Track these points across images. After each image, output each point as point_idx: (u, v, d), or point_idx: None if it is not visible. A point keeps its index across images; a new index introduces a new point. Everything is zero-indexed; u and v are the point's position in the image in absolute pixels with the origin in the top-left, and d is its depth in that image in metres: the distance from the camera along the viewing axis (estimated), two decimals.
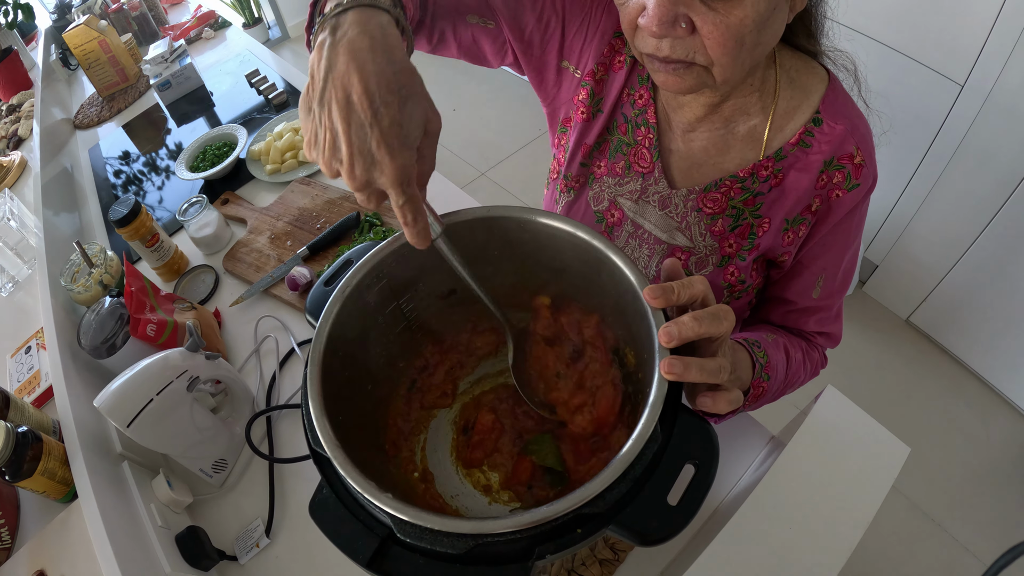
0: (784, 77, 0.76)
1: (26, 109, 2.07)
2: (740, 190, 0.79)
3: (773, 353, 0.78)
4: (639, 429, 0.51)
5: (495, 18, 0.86)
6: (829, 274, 0.84)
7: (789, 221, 0.79)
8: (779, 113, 0.77)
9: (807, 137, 0.76)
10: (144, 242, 1.26)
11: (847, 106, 0.76)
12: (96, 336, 1.00)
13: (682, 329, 0.54)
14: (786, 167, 0.77)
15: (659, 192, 0.84)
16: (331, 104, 0.51)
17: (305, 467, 0.97)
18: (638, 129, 0.85)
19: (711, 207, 0.81)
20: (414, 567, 0.51)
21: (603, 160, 0.89)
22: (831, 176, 0.76)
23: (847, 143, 0.75)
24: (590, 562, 0.80)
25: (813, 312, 0.87)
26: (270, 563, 0.89)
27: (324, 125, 0.52)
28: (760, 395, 0.75)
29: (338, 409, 0.59)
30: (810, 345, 0.89)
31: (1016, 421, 1.94)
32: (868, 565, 1.68)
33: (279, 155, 1.51)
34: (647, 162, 0.85)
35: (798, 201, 0.78)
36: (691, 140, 0.82)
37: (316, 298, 0.67)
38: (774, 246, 0.81)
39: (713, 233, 0.82)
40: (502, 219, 0.67)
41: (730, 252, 0.83)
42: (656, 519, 0.49)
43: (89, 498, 0.81)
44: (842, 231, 0.80)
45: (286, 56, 4.28)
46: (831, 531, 0.70)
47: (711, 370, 0.54)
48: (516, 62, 0.92)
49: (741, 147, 0.79)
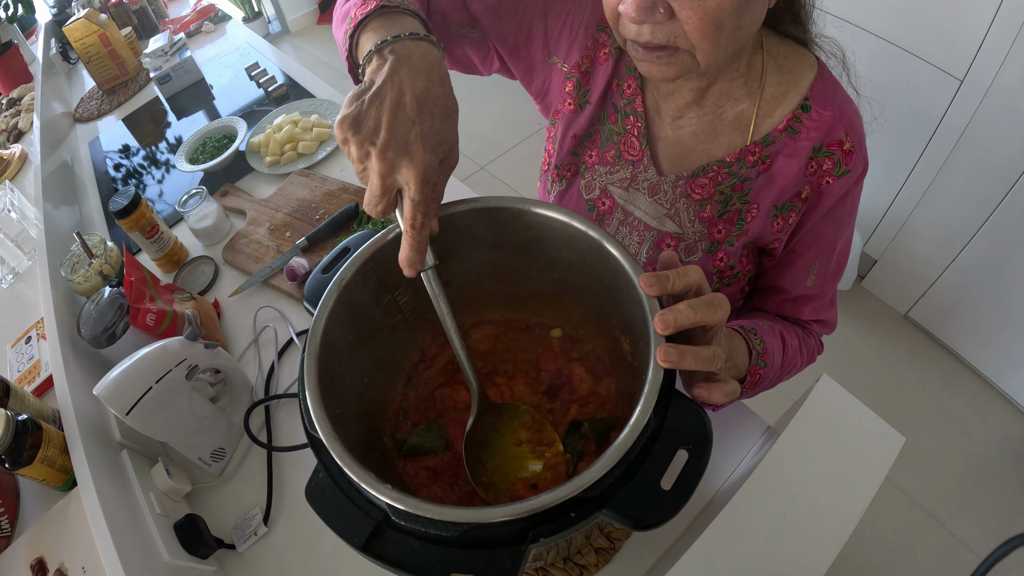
0: (771, 62, 0.77)
1: (26, 103, 2.07)
2: (727, 175, 0.80)
3: (769, 340, 0.78)
4: (635, 417, 0.51)
5: (477, 26, 0.88)
6: (822, 262, 0.84)
7: (778, 208, 0.79)
8: (766, 98, 0.77)
9: (795, 123, 0.76)
10: (144, 233, 1.26)
11: (835, 92, 0.77)
12: (96, 326, 1.00)
13: (677, 317, 0.54)
14: (774, 153, 0.77)
15: (648, 179, 0.85)
16: (384, 98, 0.55)
17: (303, 456, 0.97)
18: (627, 118, 0.85)
19: (699, 193, 0.82)
20: (409, 550, 0.51)
21: (594, 150, 0.90)
22: (820, 163, 0.76)
23: (836, 129, 0.75)
24: (586, 551, 0.81)
25: (808, 300, 0.87)
26: (268, 552, 0.90)
27: (370, 113, 0.55)
28: (757, 382, 0.76)
29: (335, 398, 0.59)
30: (806, 332, 0.90)
31: (1013, 416, 1.94)
32: (865, 558, 1.68)
33: (278, 147, 1.52)
34: (636, 150, 0.85)
35: (787, 188, 0.78)
36: (680, 127, 0.82)
37: (314, 285, 0.67)
38: (763, 233, 0.81)
39: (702, 219, 0.83)
40: (496, 209, 0.68)
41: (719, 238, 0.83)
42: (650, 503, 0.49)
43: (88, 486, 0.81)
44: (834, 218, 0.81)
45: (286, 50, 4.27)
46: (826, 520, 0.70)
47: (705, 358, 0.55)
48: (504, 66, 0.93)
49: (729, 132, 0.80)
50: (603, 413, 0.73)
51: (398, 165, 0.55)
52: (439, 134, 0.57)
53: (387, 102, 0.55)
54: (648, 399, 0.52)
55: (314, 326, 0.61)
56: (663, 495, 0.50)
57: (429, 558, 0.51)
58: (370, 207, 0.57)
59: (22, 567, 0.84)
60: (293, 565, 0.88)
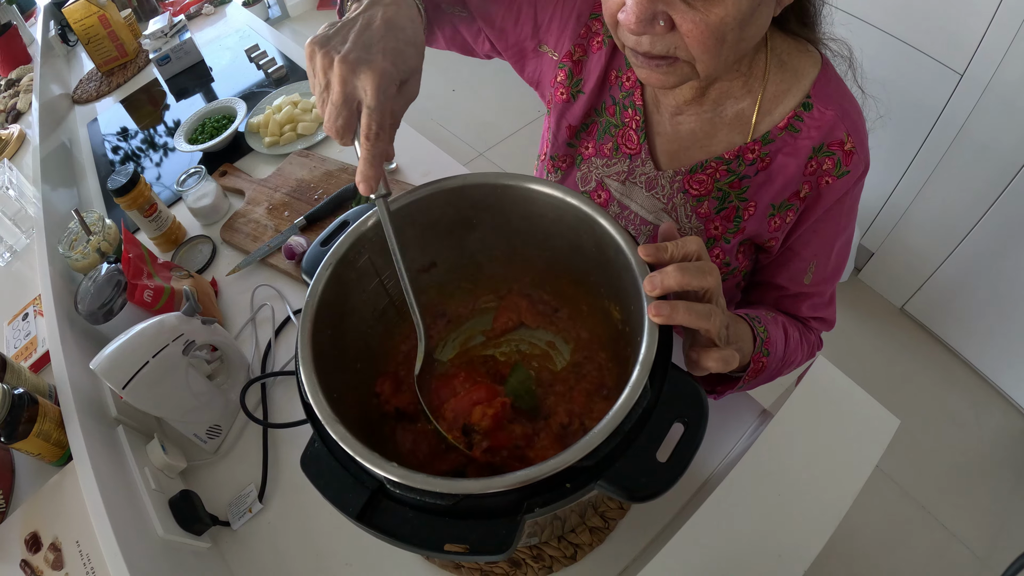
0: (775, 60, 0.75)
1: (25, 84, 2.06)
2: (726, 172, 0.79)
3: (773, 329, 0.77)
4: (630, 386, 0.51)
5: (466, 7, 0.88)
6: (820, 261, 0.83)
7: (775, 206, 0.79)
8: (767, 96, 0.76)
9: (796, 122, 0.75)
10: (142, 212, 1.25)
11: (839, 91, 0.75)
12: (93, 302, 1.00)
13: (665, 278, 0.55)
14: (773, 151, 0.76)
15: (646, 173, 0.85)
16: (356, 22, 0.60)
17: (298, 434, 0.97)
18: (626, 111, 0.85)
19: (697, 189, 0.81)
20: (403, 520, 0.51)
21: (591, 141, 0.89)
22: (820, 162, 0.75)
23: (837, 129, 0.74)
24: (580, 530, 0.81)
25: (805, 298, 0.86)
26: (263, 528, 0.90)
27: (340, 32, 0.59)
28: (760, 370, 0.74)
29: (331, 363, 0.60)
30: (806, 328, 0.89)
31: (1007, 411, 1.95)
32: (857, 548, 1.69)
33: (278, 128, 1.51)
34: (634, 144, 0.85)
35: (785, 186, 0.77)
36: (679, 123, 0.82)
37: (312, 257, 0.68)
38: (760, 231, 0.81)
39: (699, 215, 0.82)
40: (479, 186, 0.68)
41: (715, 234, 0.83)
42: (645, 475, 0.50)
43: (84, 461, 0.81)
44: (832, 218, 0.80)
45: (286, 34, 4.25)
46: (820, 501, 0.71)
47: (700, 312, 0.54)
48: (494, 48, 0.93)
49: (728, 130, 0.79)
50: None
51: (358, 70, 0.56)
52: (401, 53, 0.59)
53: (357, 24, 0.59)
54: (643, 367, 0.52)
55: (310, 295, 0.62)
56: (658, 467, 0.50)
57: (424, 528, 0.51)
58: (330, 122, 0.58)
59: (16, 542, 0.84)
60: (288, 542, 0.88)
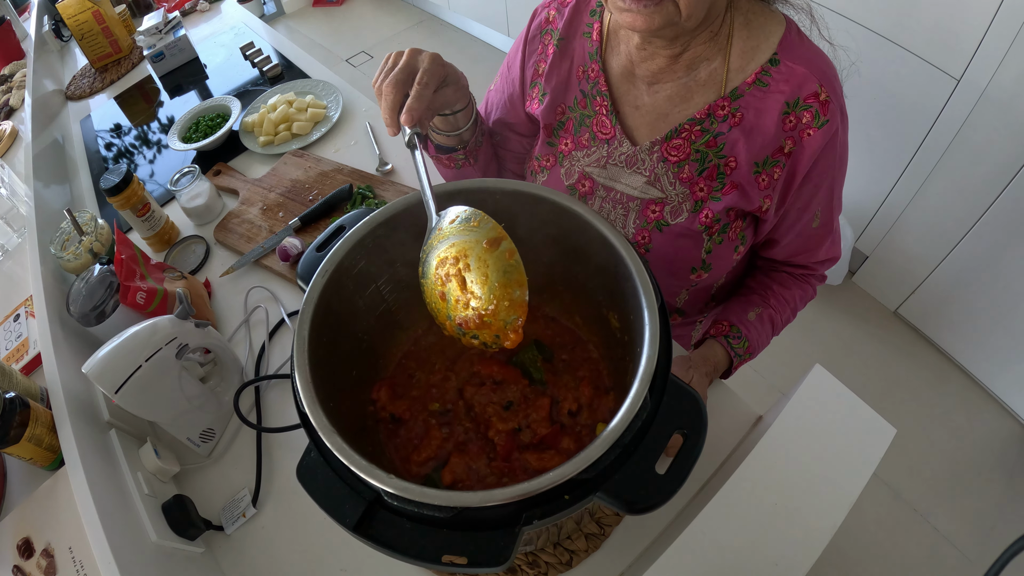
0: (740, 18, 0.80)
1: (18, 79, 2.04)
2: (700, 132, 0.82)
3: (755, 335, 0.87)
4: (630, 399, 0.51)
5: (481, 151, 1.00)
6: (824, 208, 0.88)
7: (759, 164, 0.81)
8: (736, 53, 0.80)
9: (764, 76, 0.79)
10: (135, 211, 1.24)
11: (805, 46, 0.79)
12: (85, 304, 0.99)
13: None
14: (744, 105, 0.80)
15: (624, 152, 0.88)
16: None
17: (293, 438, 0.97)
18: (594, 100, 0.89)
19: (675, 155, 0.85)
20: (401, 531, 0.51)
21: (568, 137, 0.94)
22: (799, 117, 0.78)
23: (809, 83, 0.77)
24: (576, 536, 0.81)
25: (820, 240, 0.92)
26: (256, 533, 0.89)
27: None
28: (745, 362, 0.88)
29: (327, 372, 0.59)
30: (804, 281, 0.97)
31: (999, 415, 1.96)
32: (849, 550, 1.70)
33: (272, 127, 1.50)
34: (608, 128, 0.89)
35: (765, 144, 0.80)
36: (656, 92, 0.85)
37: (308, 263, 0.67)
38: (749, 191, 0.83)
39: (682, 180, 0.85)
40: (476, 191, 0.69)
41: (702, 196, 0.86)
42: (644, 487, 0.50)
43: (76, 465, 0.80)
44: (824, 167, 0.82)
45: (281, 32, 4.23)
46: (816, 509, 0.71)
47: None
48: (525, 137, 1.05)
49: (703, 92, 0.82)
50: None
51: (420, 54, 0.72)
52: (444, 77, 0.75)
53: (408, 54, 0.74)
54: (643, 380, 0.52)
55: (306, 303, 0.61)
56: (658, 479, 0.50)
57: (421, 540, 0.50)
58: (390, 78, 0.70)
59: (8, 547, 0.83)
60: (281, 547, 0.88)
